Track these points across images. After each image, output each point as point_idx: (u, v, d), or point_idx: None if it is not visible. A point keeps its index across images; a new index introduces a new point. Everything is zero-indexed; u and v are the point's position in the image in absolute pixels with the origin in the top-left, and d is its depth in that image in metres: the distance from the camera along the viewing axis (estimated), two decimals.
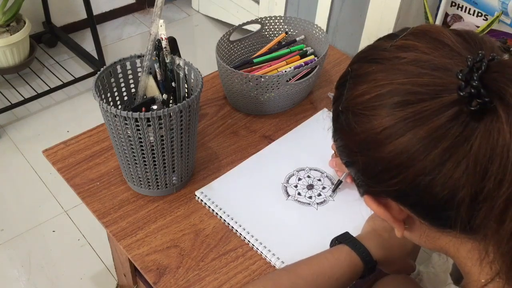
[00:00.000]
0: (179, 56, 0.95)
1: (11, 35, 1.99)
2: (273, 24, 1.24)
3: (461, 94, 0.47)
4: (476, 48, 0.52)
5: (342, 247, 0.80)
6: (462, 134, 0.48)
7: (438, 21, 1.69)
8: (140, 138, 0.87)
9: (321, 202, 0.96)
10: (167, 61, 0.93)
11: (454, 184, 0.49)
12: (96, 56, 2.20)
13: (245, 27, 1.20)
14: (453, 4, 1.68)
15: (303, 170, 1.02)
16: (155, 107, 0.91)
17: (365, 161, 0.54)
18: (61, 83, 2.10)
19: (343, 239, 0.81)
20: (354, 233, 0.85)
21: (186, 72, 0.94)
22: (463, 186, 0.48)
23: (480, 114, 0.47)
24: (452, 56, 0.51)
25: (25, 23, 2.06)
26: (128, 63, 0.95)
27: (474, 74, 0.47)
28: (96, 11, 2.37)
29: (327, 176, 1.01)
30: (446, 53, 0.51)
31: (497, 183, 0.47)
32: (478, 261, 0.55)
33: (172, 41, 0.94)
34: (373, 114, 0.52)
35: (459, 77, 0.48)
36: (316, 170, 1.02)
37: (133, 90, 0.98)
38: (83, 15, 2.19)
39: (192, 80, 0.94)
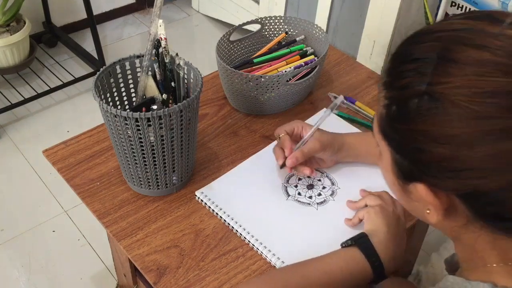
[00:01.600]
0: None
1: (11, 35, 1.99)
2: (273, 24, 1.24)
3: None
4: None
5: (356, 254, 0.79)
6: None
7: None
8: (140, 138, 0.87)
9: (321, 202, 0.96)
10: (167, 61, 0.93)
11: None
12: (96, 56, 2.20)
13: (245, 27, 1.20)
14: (453, 4, 1.68)
15: None
16: (155, 107, 0.91)
17: (450, 154, 0.50)
18: (61, 83, 2.11)
19: (359, 243, 0.80)
20: (354, 233, 0.85)
21: (186, 72, 0.94)
22: None
23: None
24: None
25: (25, 23, 2.06)
26: (127, 63, 0.95)
27: None
28: (96, 11, 2.37)
29: (327, 176, 1.01)
30: None
31: None
32: (495, 248, 0.55)
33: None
34: (481, 111, 0.47)
35: None
36: (316, 170, 1.01)
37: (132, 90, 0.98)
38: (83, 15, 2.20)
39: (192, 80, 0.94)
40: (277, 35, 1.24)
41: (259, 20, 1.22)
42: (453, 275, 0.59)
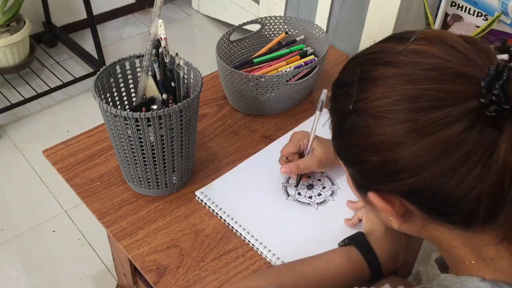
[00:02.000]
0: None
1: (11, 35, 1.99)
2: (273, 24, 1.24)
3: (482, 101, 0.50)
4: (486, 57, 0.55)
5: (352, 252, 0.80)
6: (480, 139, 0.51)
7: (438, 21, 1.69)
8: (140, 138, 0.87)
9: (321, 202, 0.96)
10: (167, 61, 0.93)
11: (469, 184, 0.52)
12: (96, 56, 2.20)
13: (245, 27, 1.20)
14: (453, 4, 1.68)
15: None
16: (155, 107, 0.91)
17: (381, 160, 0.56)
18: (61, 83, 2.11)
19: (356, 242, 0.81)
20: (354, 232, 0.85)
21: (186, 72, 0.94)
22: (477, 185, 0.52)
23: (496, 121, 0.50)
24: (470, 64, 0.54)
25: (25, 23, 2.06)
26: (127, 63, 0.95)
27: (496, 83, 0.50)
28: (96, 11, 2.37)
29: (327, 176, 1.01)
30: (464, 61, 0.54)
31: None
32: (468, 245, 0.59)
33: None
34: (395, 117, 0.54)
35: (482, 84, 0.51)
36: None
37: (132, 90, 0.98)
38: (83, 15, 2.20)
39: (192, 80, 0.94)
40: (277, 35, 1.24)
41: (259, 20, 1.22)
42: (444, 274, 0.61)
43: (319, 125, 0.95)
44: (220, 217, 0.93)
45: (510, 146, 0.50)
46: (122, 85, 0.97)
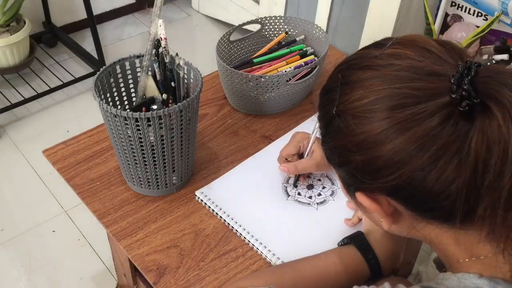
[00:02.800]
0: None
1: (11, 35, 1.99)
2: (273, 24, 1.24)
3: (453, 96, 0.53)
4: (458, 56, 0.58)
5: (351, 251, 0.80)
6: (454, 132, 0.53)
7: (438, 21, 1.69)
8: (140, 138, 0.87)
9: (321, 202, 0.96)
10: (167, 61, 0.93)
11: (447, 177, 0.53)
12: (96, 56, 2.20)
13: (245, 27, 1.20)
14: (453, 4, 1.68)
15: None
16: (155, 107, 0.91)
17: (363, 159, 0.58)
18: (61, 83, 2.11)
19: (355, 241, 0.82)
20: (353, 232, 0.85)
21: (186, 72, 0.94)
22: (455, 179, 0.53)
23: (469, 114, 0.52)
24: (441, 63, 0.57)
25: (25, 23, 2.06)
26: (127, 63, 0.95)
27: (465, 78, 0.53)
28: (96, 11, 2.37)
29: (327, 176, 1.00)
30: (436, 61, 0.57)
31: (497, 175, 0.52)
32: (459, 243, 0.60)
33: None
34: (373, 116, 0.56)
35: (452, 81, 0.53)
36: None
37: (132, 90, 0.98)
38: (83, 15, 2.20)
39: (192, 80, 0.94)
40: (277, 35, 1.24)
41: (259, 20, 1.22)
42: (442, 273, 0.62)
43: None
44: (220, 217, 0.93)
45: (481, 138, 0.52)
46: (122, 85, 0.97)
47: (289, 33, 1.24)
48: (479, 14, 1.63)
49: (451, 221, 0.57)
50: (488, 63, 0.57)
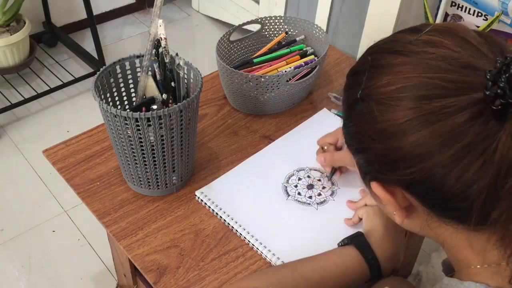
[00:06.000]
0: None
1: (11, 35, 1.99)
2: (273, 24, 1.24)
3: (487, 93, 0.49)
4: (499, 51, 0.54)
5: (351, 252, 0.80)
6: (483, 131, 0.50)
7: (438, 21, 1.69)
8: (140, 138, 0.87)
9: (321, 202, 0.96)
10: (167, 61, 0.93)
11: (469, 178, 0.51)
12: (96, 56, 2.20)
13: (245, 27, 1.20)
14: (453, 4, 1.68)
15: (303, 170, 1.02)
16: (155, 107, 0.91)
17: (383, 148, 0.56)
18: (61, 83, 2.10)
19: (355, 241, 0.81)
20: (353, 232, 0.85)
21: (186, 72, 0.94)
22: (477, 180, 0.51)
23: (502, 114, 0.49)
24: (479, 57, 0.53)
25: (25, 23, 2.06)
26: (127, 63, 0.95)
27: (502, 75, 0.49)
28: (96, 11, 2.37)
29: (327, 176, 1.00)
30: (473, 53, 0.54)
31: None
32: (472, 247, 0.58)
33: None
34: (398, 104, 0.54)
35: (488, 77, 0.50)
36: (316, 170, 1.02)
37: (132, 90, 0.98)
38: (83, 15, 2.19)
39: (192, 80, 0.94)
40: (277, 35, 1.24)
41: (259, 20, 1.22)
42: (448, 277, 0.61)
43: None
44: (220, 217, 0.93)
45: (509, 141, 0.49)
46: (122, 85, 0.97)
47: (289, 33, 1.24)
48: (479, 14, 1.63)
49: (465, 223, 0.55)
50: None
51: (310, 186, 0.99)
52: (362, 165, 0.61)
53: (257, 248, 0.89)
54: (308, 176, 1.00)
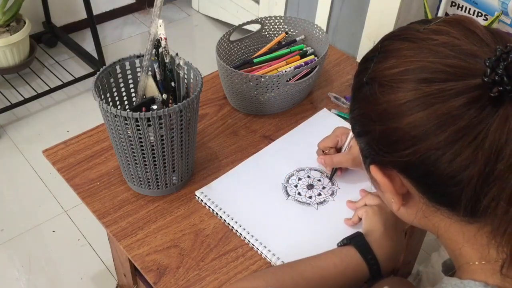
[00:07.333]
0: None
1: (11, 35, 1.99)
2: (273, 24, 1.24)
3: (485, 79, 0.51)
4: (502, 42, 0.56)
5: (351, 252, 0.80)
6: (478, 116, 0.51)
7: None
8: (140, 138, 0.87)
9: (321, 202, 0.96)
10: (167, 61, 0.93)
11: (461, 162, 0.52)
12: (96, 56, 2.20)
13: (245, 27, 1.20)
14: (453, 4, 1.68)
15: (303, 170, 1.02)
16: (155, 107, 0.91)
17: (382, 130, 0.57)
18: (61, 83, 2.11)
19: (355, 242, 0.82)
20: (353, 232, 0.85)
21: (186, 72, 0.94)
22: (469, 165, 0.52)
23: (498, 101, 0.51)
24: (481, 45, 0.55)
25: (25, 23, 2.06)
26: (127, 63, 0.95)
27: (501, 63, 0.51)
28: (96, 11, 2.37)
29: (327, 176, 1.00)
30: (475, 42, 0.55)
31: (509, 165, 0.51)
32: (469, 241, 0.59)
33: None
34: (399, 86, 0.56)
35: (487, 63, 0.51)
36: (316, 170, 1.02)
37: (132, 90, 0.98)
38: (83, 15, 2.19)
39: (192, 80, 0.94)
40: (277, 35, 1.24)
41: (259, 20, 1.22)
42: (448, 277, 0.61)
43: None
44: (220, 217, 0.93)
45: (501, 127, 0.51)
46: (122, 85, 0.97)
47: (289, 33, 1.24)
48: (479, 14, 1.63)
49: (456, 210, 0.56)
50: None
51: (310, 186, 0.99)
52: (363, 149, 0.63)
53: (257, 248, 0.89)
54: (308, 176, 1.00)
